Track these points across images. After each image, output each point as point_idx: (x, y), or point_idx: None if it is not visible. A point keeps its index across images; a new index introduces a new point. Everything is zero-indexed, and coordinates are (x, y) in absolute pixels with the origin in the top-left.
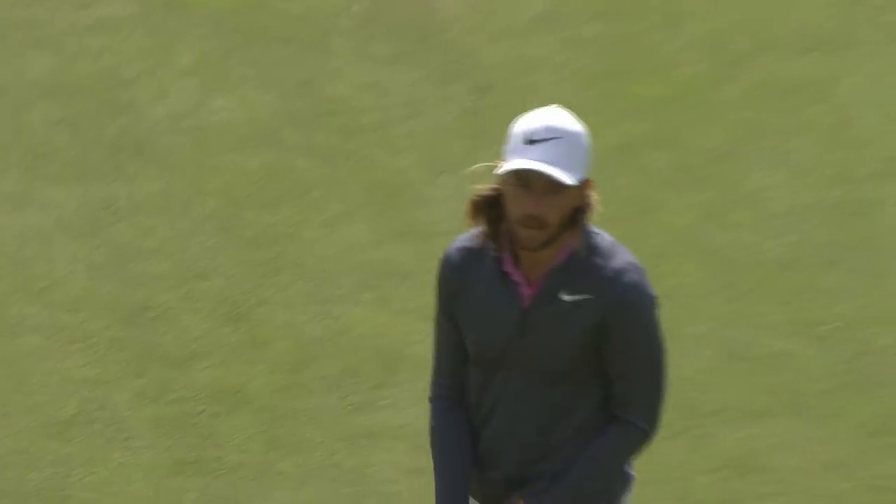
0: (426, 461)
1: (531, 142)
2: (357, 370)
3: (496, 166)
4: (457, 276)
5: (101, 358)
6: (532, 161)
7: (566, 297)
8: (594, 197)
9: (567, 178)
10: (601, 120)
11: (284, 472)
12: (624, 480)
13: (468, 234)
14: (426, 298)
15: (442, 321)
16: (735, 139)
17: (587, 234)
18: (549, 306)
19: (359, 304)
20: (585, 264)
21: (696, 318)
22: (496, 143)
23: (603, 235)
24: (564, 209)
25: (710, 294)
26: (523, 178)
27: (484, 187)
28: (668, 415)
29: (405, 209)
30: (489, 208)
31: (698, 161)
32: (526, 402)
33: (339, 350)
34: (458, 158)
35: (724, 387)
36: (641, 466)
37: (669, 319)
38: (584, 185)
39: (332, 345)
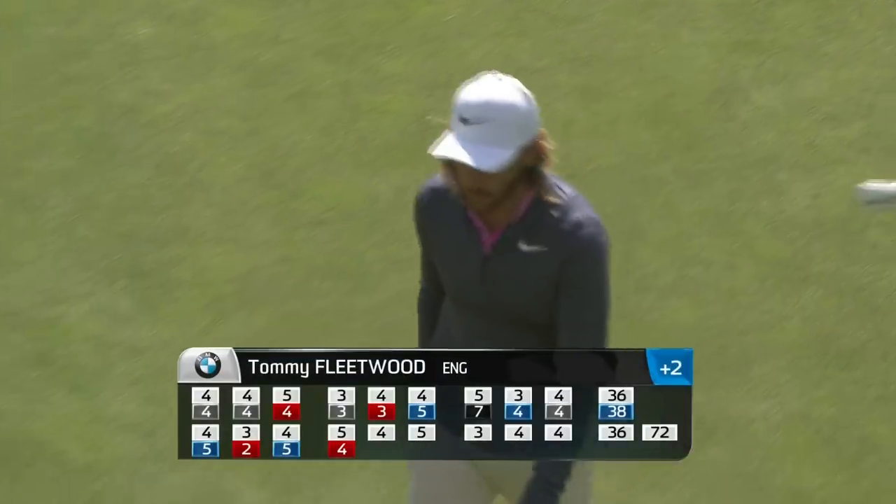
0: None
1: (464, 120)
2: None
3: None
4: (426, 216)
5: None
6: (456, 147)
7: (524, 248)
8: (549, 149)
9: (489, 165)
10: None
11: (828, 54)
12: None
13: (440, 173)
14: None
15: (421, 245)
16: None
17: (547, 187)
18: (508, 255)
19: None
20: (544, 217)
21: None
22: None
23: (563, 188)
24: (505, 177)
25: None
26: (451, 161)
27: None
28: None
29: None
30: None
31: None
32: (487, 342)
33: None
34: None
35: None
36: None
37: None
38: (533, 143)
39: None
